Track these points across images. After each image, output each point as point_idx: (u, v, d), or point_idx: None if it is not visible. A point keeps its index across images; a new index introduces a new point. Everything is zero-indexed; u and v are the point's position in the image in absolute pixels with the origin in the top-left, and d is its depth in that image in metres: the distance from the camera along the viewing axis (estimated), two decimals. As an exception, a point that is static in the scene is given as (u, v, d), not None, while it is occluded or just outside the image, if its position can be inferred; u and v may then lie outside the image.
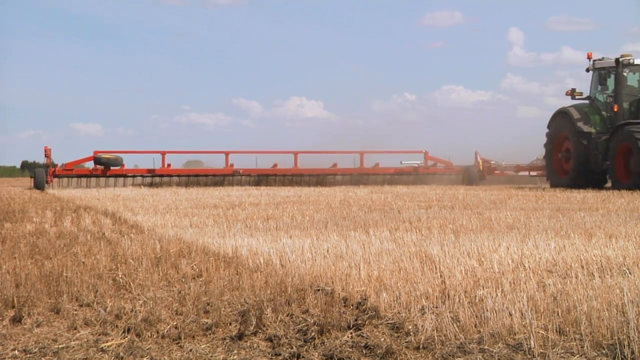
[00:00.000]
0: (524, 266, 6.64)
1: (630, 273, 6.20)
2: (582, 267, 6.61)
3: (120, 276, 6.70)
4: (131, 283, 6.37)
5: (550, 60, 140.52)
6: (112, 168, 31.34)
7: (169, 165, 32.18)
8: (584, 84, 28.91)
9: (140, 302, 5.65)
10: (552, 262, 6.89)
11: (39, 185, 29.89)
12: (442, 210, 14.77)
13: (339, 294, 5.60)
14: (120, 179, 31.81)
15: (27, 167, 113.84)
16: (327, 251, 7.84)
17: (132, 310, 5.36)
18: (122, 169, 31.98)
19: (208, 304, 5.46)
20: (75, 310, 5.47)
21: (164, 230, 11.32)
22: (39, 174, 30.61)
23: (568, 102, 28.21)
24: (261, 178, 32.64)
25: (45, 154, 31.24)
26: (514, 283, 5.79)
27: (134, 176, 32.33)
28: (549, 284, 5.68)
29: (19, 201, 21.75)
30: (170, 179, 32.05)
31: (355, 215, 13.82)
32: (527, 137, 46.36)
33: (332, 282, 6.01)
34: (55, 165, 31.22)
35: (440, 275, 6.18)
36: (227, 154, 32.79)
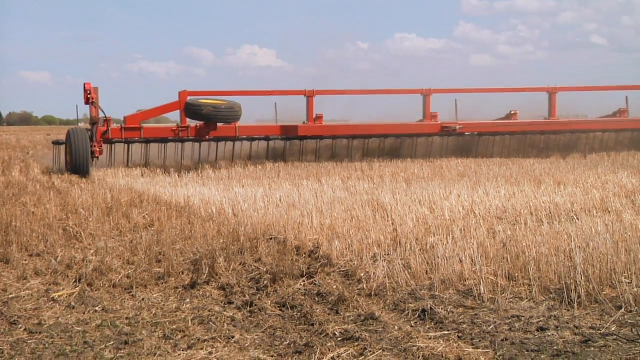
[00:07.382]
0: (475, 213, 6.73)
1: (578, 219, 6.32)
2: (531, 213, 6.72)
3: (70, 226, 6.63)
4: (82, 233, 6.31)
5: (503, 8, 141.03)
6: (218, 125, 14.88)
7: (318, 118, 15.66)
8: (536, 31, 26.89)
9: (92, 252, 5.60)
10: (502, 209, 6.99)
11: (79, 166, 13.31)
12: (395, 159, 14.83)
13: (292, 242, 5.62)
14: (227, 145, 15.45)
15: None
16: (280, 200, 7.84)
17: (83, 260, 5.31)
18: (234, 126, 15.05)
19: (160, 254, 5.44)
20: (25, 261, 5.41)
21: (115, 179, 11.21)
22: (79, 140, 13.62)
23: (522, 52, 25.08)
24: (484, 139, 16.44)
25: (90, 99, 14.11)
26: (464, 230, 5.87)
27: (252, 139, 15.54)
28: (499, 231, 5.77)
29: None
30: (318, 144, 15.81)
31: (308, 164, 13.82)
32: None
33: (285, 231, 6.02)
34: (107, 121, 14.32)
35: (392, 223, 6.23)
36: (427, 94, 16.21)
